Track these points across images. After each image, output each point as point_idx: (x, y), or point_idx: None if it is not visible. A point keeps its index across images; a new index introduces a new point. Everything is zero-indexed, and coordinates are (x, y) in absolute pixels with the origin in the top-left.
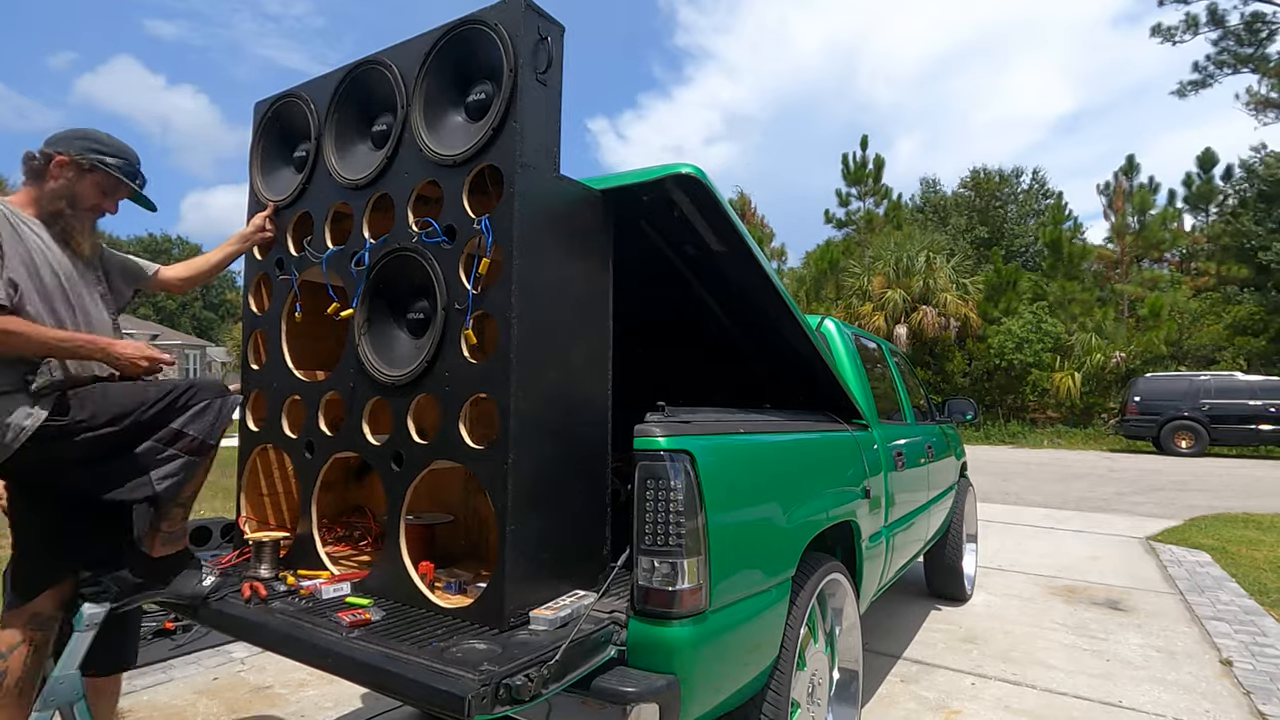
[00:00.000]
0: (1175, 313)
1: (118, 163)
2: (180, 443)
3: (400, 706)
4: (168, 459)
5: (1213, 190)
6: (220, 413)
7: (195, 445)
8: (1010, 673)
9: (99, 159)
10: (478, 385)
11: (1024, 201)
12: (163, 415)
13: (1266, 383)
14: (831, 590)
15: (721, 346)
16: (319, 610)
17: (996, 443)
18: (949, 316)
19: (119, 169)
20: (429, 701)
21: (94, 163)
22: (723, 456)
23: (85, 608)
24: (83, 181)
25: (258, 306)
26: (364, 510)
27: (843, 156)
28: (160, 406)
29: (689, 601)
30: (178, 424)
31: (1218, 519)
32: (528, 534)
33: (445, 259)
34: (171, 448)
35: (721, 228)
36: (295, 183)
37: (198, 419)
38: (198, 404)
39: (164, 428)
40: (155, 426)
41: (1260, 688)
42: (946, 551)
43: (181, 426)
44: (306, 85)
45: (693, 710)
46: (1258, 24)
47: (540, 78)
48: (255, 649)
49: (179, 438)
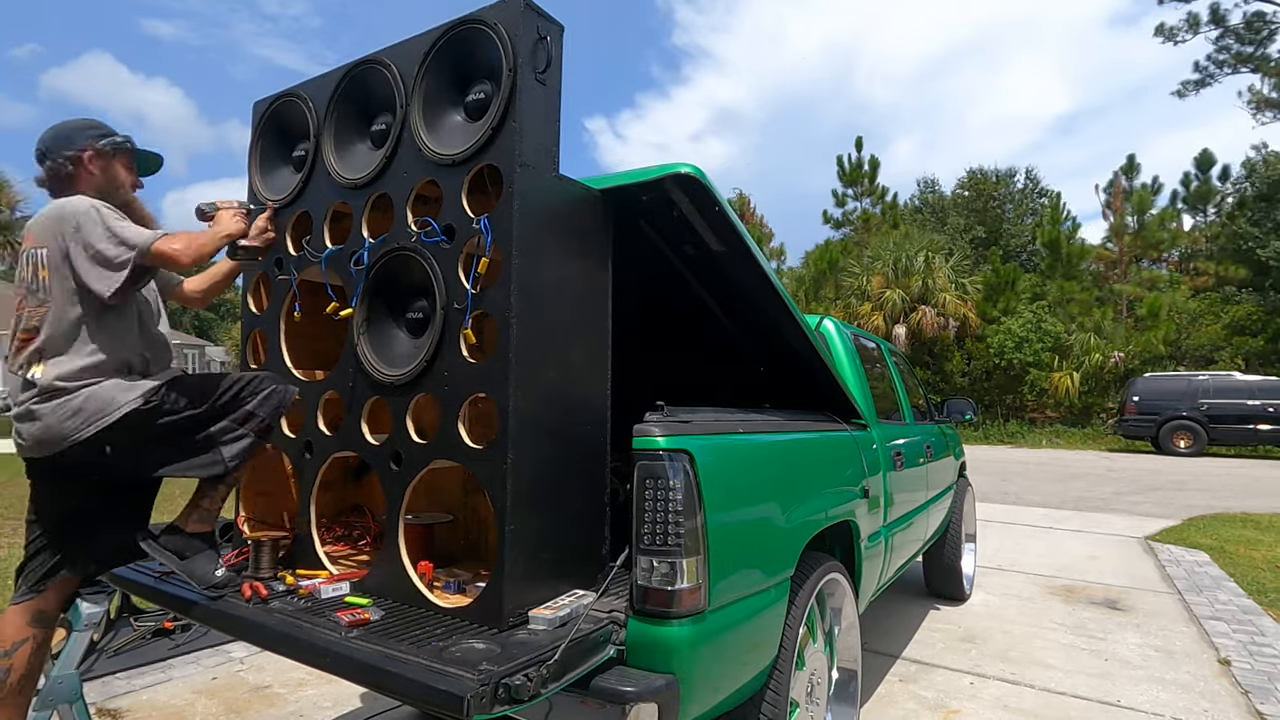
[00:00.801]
0: (1174, 313)
1: (122, 137)
2: (251, 423)
3: (399, 706)
4: (238, 438)
5: (1211, 191)
6: (284, 398)
7: (264, 426)
8: (1009, 672)
9: (111, 140)
10: (477, 385)
11: (1020, 201)
12: (237, 398)
13: (1265, 383)
14: (830, 590)
15: (721, 346)
16: (318, 610)
17: (995, 442)
18: (948, 316)
19: (127, 140)
20: (428, 701)
21: (112, 145)
22: (722, 456)
23: (84, 607)
24: (113, 166)
25: (256, 306)
26: (363, 510)
27: (838, 158)
28: (234, 391)
29: (688, 601)
30: (251, 405)
31: (1216, 519)
32: (527, 534)
33: (444, 258)
34: (243, 427)
35: (721, 227)
36: (294, 182)
37: (266, 401)
38: (265, 389)
39: (238, 410)
40: (230, 409)
41: (1258, 687)
42: (945, 551)
43: (254, 408)
44: (305, 85)
45: (692, 710)
46: (1258, 23)
47: (539, 77)
48: (254, 648)
49: (251, 418)
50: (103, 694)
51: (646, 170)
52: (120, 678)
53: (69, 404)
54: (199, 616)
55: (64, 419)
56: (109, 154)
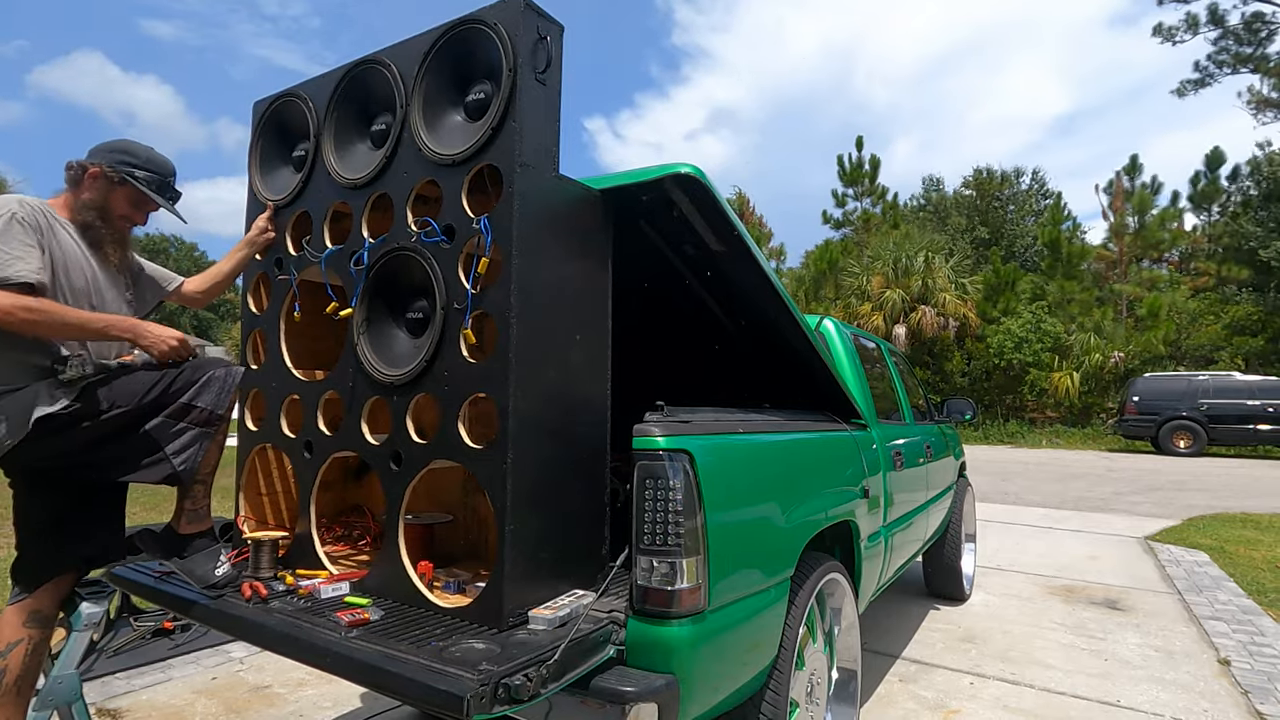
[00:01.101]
0: (1174, 313)
1: (147, 176)
2: (190, 415)
3: (399, 706)
4: (179, 433)
5: (1218, 190)
6: (225, 382)
7: (205, 416)
8: (1009, 672)
9: (129, 172)
10: (477, 385)
11: (1023, 201)
12: (169, 393)
13: (1265, 383)
14: (830, 590)
15: (721, 346)
16: (318, 610)
17: (995, 442)
18: (948, 316)
19: (148, 183)
20: (427, 701)
21: (124, 175)
22: (721, 456)
23: (84, 607)
24: (114, 194)
25: (256, 306)
26: (363, 510)
27: (838, 158)
28: (165, 385)
29: (688, 601)
30: (185, 398)
31: (1216, 519)
32: (527, 533)
33: (444, 258)
34: (182, 421)
35: (720, 227)
36: (294, 182)
37: (204, 391)
38: (201, 378)
39: (172, 404)
40: (163, 404)
41: (1258, 687)
42: (945, 551)
43: (190, 400)
44: (305, 84)
45: (691, 710)
46: (1257, 23)
47: (539, 77)
48: (254, 648)
49: (188, 411)
50: (102, 694)
51: (646, 170)
52: (120, 678)
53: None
54: (199, 616)
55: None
56: (114, 181)
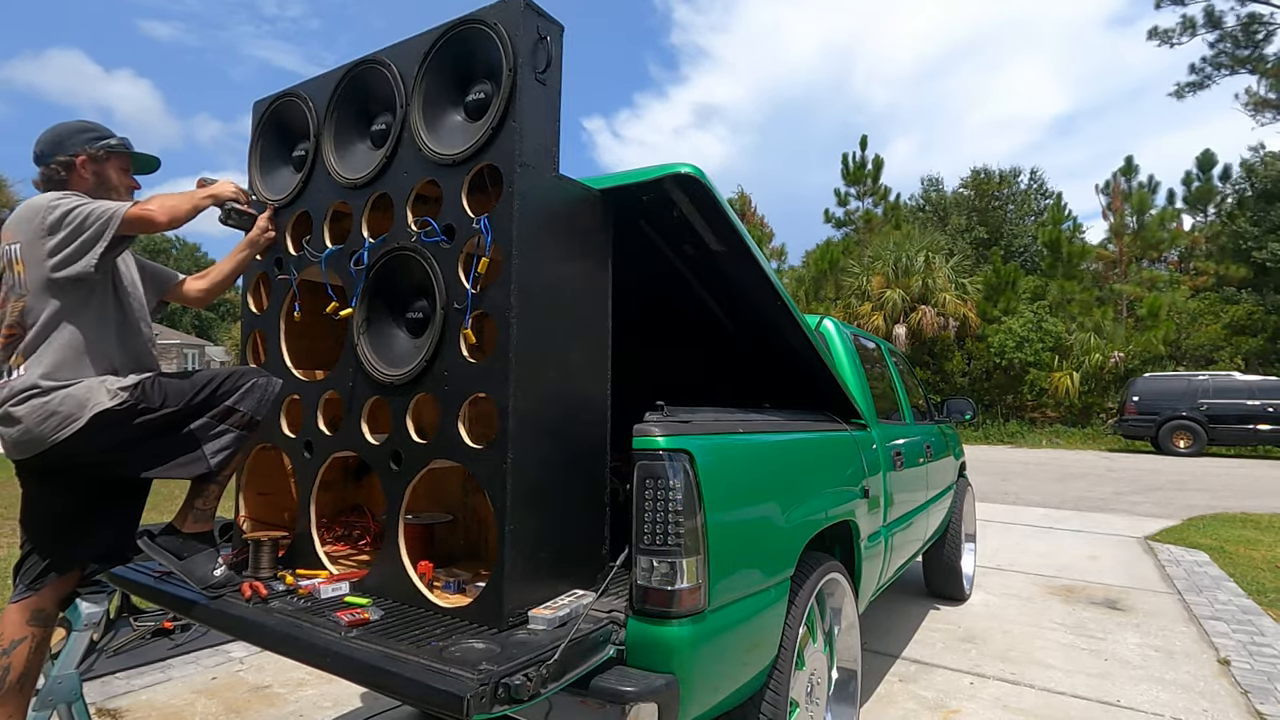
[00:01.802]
0: (1173, 312)
1: (117, 141)
2: (232, 418)
3: (399, 706)
4: (220, 434)
5: (1211, 190)
6: (266, 390)
7: (246, 420)
8: (1009, 672)
9: (105, 143)
10: (477, 385)
11: (1023, 201)
12: (215, 395)
13: (1264, 382)
14: (830, 590)
15: (721, 346)
16: (317, 610)
17: (995, 442)
18: (948, 316)
19: (122, 143)
20: (427, 701)
21: (105, 149)
22: (721, 456)
23: (84, 607)
24: (106, 170)
25: (256, 306)
26: (363, 510)
27: (842, 156)
28: (213, 387)
29: (688, 601)
30: (230, 401)
31: (1216, 519)
32: (526, 533)
33: (444, 258)
34: (224, 423)
35: (721, 227)
36: (294, 182)
37: (247, 396)
38: (246, 384)
39: (218, 406)
40: (210, 406)
41: (1258, 687)
42: (945, 551)
43: (234, 404)
44: (305, 84)
45: (691, 710)
46: (1254, 25)
47: (539, 77)
48: (254, 648)
49: (231, 414)
50: (102, 694)
51: (646, 170)
52: (120, 677)
53: (46, 406)
54: (199, 616)
55: (40, 421)
56: (102, 158)
